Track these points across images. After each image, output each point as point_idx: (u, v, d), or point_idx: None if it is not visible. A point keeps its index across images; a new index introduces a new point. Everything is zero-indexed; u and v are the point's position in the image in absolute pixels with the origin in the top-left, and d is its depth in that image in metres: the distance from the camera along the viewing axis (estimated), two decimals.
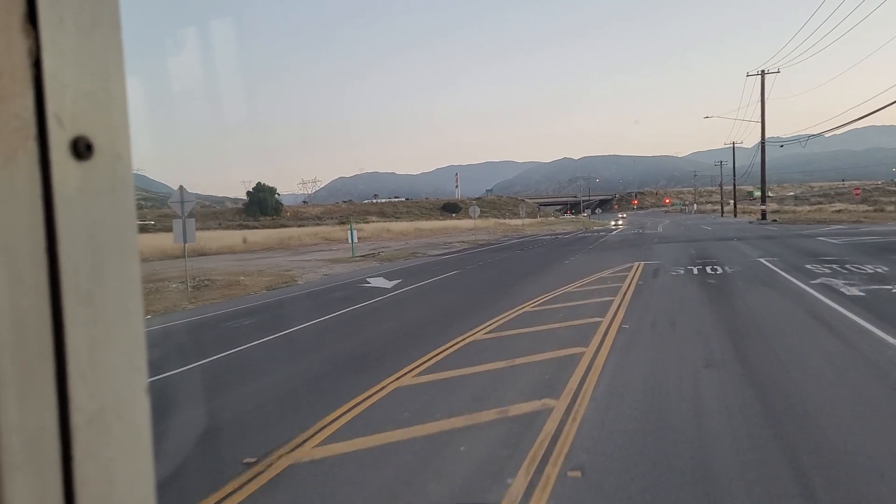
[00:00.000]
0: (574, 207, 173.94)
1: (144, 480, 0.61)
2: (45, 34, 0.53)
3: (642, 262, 17.84)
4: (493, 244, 38.57)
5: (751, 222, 52.46)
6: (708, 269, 15.41)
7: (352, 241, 31.28)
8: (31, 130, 0.53)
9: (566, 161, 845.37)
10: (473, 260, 24.22)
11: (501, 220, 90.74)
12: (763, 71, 52.26)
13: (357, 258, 29.66)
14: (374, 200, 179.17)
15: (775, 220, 49.85)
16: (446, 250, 33.57)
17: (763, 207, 53.19)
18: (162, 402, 6.16)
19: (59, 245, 0.54)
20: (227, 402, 6.33)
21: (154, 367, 7.62)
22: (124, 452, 0.59)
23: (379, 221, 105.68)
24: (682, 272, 15.04)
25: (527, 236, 48.75)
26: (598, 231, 49.99)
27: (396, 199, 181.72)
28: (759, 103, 51.68)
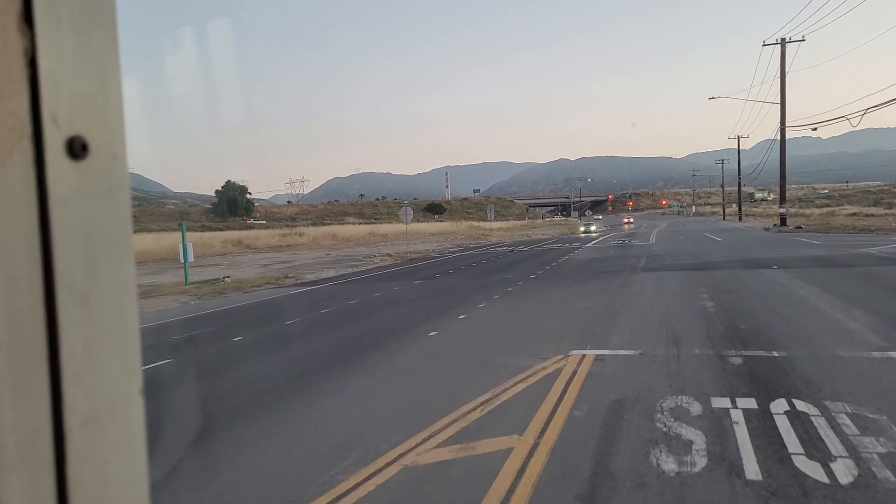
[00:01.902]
0: (566, 209, 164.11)
1: (139, 482, 0.60)
2: (42, 34, 0.53)
3: (591, 354, 7.12)
4: (425, 259, 28.09)
5: (767, 229, 41.85)
6: (794, 427, 4.60)
7: (184, 260, 20.62)
8: (27, 130, 0.52)
9: (563, 162, 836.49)
10: (316, 304, 13.56)
11: (475, 224, 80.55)
12: (783, 39, 41.80)
13: (189, 286, 19.17)
14: (359, 200, 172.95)
15: (800, 228, 39.25)
16: (346, 271, 23.24)
17: (782, 210, 42.52)
18: None
19: (54, 245, 0.53)
20: None
21: None
22: (119, 454, 0.58)
23: (354, 223, 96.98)
24: (699, 457, 4.38)
25: (482, 246, 38.14)
26: (572, 241, 39.02)
27: (378, 200, 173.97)
28: (769, 87, 41.00)
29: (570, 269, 18.81)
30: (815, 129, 33.76)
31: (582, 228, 62.69)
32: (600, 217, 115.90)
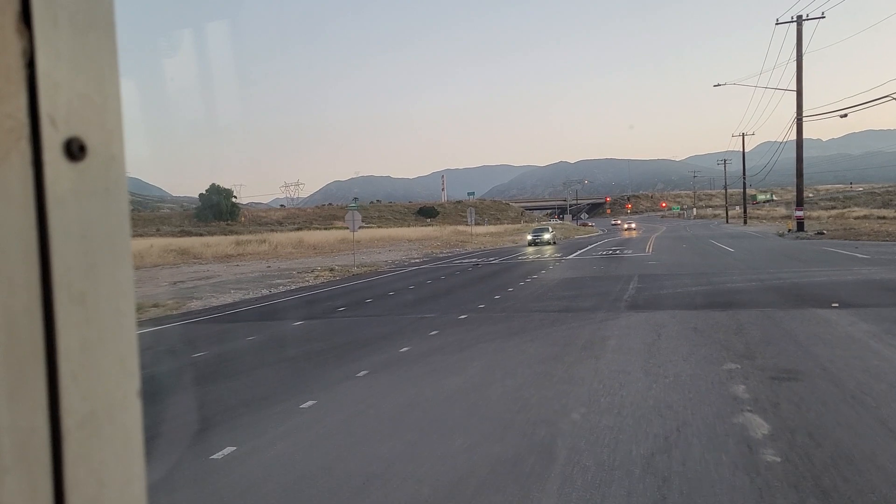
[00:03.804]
0: (563, 212, 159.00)
1: (136, 484, 0.59)
2: (40, 35, 0.53)
3: None
4: (369, 275, 22.94)
5: (782, 235, 36.34)
6: None
7: None
8: (25, 131, 0.52)
9: (562, 165, 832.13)
10: None
11: (462, 228, 74.96)
12: (799, 16, 36.39)
13: None
14: (354, 203, 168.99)
15: (822, 234, 33.63)
16: (257, 294, 18.33)
17: (799, 214, 36.93)
18: None
19: (52, 246, 0.53)
20: None
21: None
22: (116, 455, 0.58)
23: (340, 227, 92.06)
24: None
25: (451, 257, 32.71)
26: (554, 252, 33.09)
27: (370, 204, 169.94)
28: (781, 73, 35.36)
29: (524, 300, 13.15)
30: (846, 115, 28.33)
31: (529, 238, 41.48)
32: (619, 222, 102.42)
